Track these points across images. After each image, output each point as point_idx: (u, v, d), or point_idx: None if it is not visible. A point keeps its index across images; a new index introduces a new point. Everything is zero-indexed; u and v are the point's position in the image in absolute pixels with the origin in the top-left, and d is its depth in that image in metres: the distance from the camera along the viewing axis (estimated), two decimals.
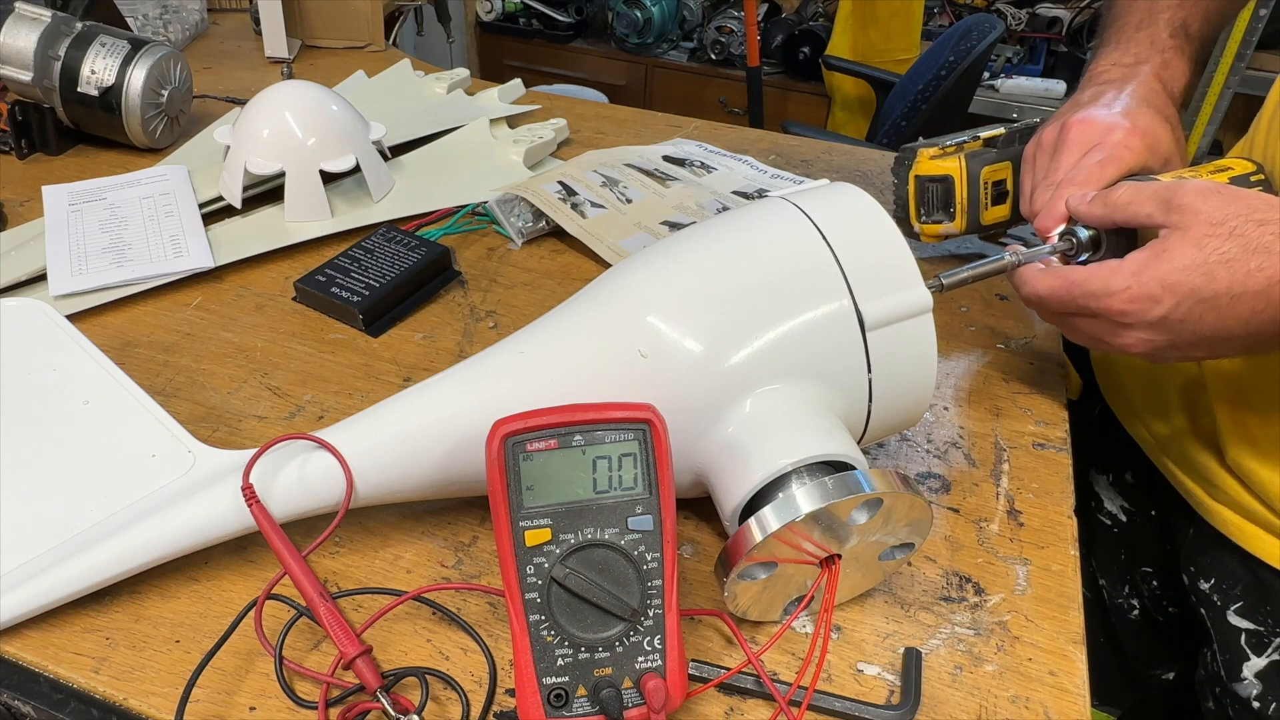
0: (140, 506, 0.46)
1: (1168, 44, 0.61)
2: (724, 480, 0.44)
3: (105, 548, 0.43)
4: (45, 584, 0.42)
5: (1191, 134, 2.18)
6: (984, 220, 0.67)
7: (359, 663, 0.40)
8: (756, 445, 0.43)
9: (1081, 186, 0.55)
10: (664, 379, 0.44)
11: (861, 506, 0.41)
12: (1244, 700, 0.61)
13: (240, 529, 0.44)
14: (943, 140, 0.66)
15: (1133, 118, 0.57)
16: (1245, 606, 0.61)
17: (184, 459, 0.48)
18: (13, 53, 0.80)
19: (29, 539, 0.45)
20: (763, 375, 0.44)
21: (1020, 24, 2.57)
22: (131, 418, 0.50)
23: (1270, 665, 0.60)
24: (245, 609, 0.42)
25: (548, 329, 0.47)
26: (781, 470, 0.41)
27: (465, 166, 0.86)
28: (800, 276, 0.45)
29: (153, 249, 0.70)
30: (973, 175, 0.65)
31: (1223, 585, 0.63)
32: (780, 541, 0.40)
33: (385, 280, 0.66)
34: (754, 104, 2.42)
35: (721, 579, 0.42)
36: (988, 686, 0.43)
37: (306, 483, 0.44)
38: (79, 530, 0.45)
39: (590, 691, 0.38)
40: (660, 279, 0.46)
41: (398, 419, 0.46)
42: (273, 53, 1.11)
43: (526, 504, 0.38)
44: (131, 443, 0.49)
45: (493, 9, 3.00)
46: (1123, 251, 0.50)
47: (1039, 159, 0.60)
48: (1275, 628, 0.60)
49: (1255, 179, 0.55)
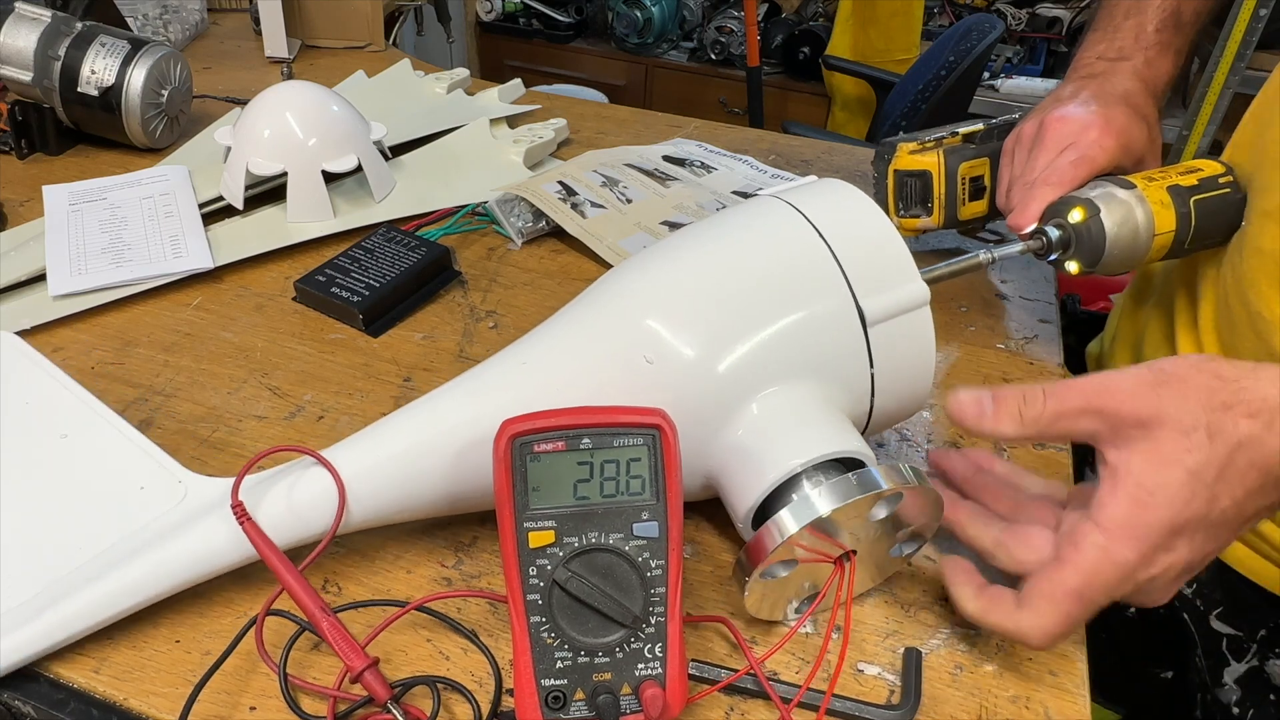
0: (133, 542, 0.44)
1: (1152, 40, 0.62)
2: (736, 483, 0.43)
3: (101, 587, 0.41)
4: (41, 628, 0.41)
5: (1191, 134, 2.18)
6: (961, 215, 0.68)
7: (367, 675, 0.39)
8: (766, 447, 0.43)
9: (1055, 186, 0.55)
10: (669, 383, 0.43)
11: (880, 503, 0.41)
12: (1225, 706, 0.61)
13: (241, 559, 0.43)
14: (922, 135, 0.67)
15: (1108, 116, 0.57)
16: (1225, 612, 0.62)
17: (175, 489, 0.46)
18: (13, 53, 0.80)
19: (19, 581, 0.43)
20: (768, 375, 0.44)
21: (1020, 24, 2.57)
22: (114, 449, 0.48)
23: (1249, 671, 0.60)
24: (245, 627, 0.42)
25: (549, 336, 0.47)
26: (793, 471, 0.41)
27: (465, 166, 0.85)
28: (800, 275, 0.45)
29: (152, 249, 0.70)
30: (951, 171, 0.66)
31: (1204, 590, 0.63)
32: (799, 543, 0.40)
33: (385, 280, 0.66)
34: (754, 104, 2.42)
35: (742, 581, 0.41)
36: (988, 686, 0.43)
37: (301, 506, 0.43)
38: (71, 570, 0.43)
39: (588, 696, 0.38)
40: (660, 282, 0.46)
41: (401, 437, 0.45)
42: (273, 53, 1.11)
43: (532, 505, 0.38)
44: (117, 475, 0.47)
45: (493, 9, 3.00)
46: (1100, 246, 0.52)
47: (1017, 154, 0.61)
48: (1253, 634, 0.60)
49: (1224, 180, 0.55)
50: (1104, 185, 0.55)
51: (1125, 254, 0.54)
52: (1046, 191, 0.56)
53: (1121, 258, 0.54)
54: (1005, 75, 2.53)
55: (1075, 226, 0.53)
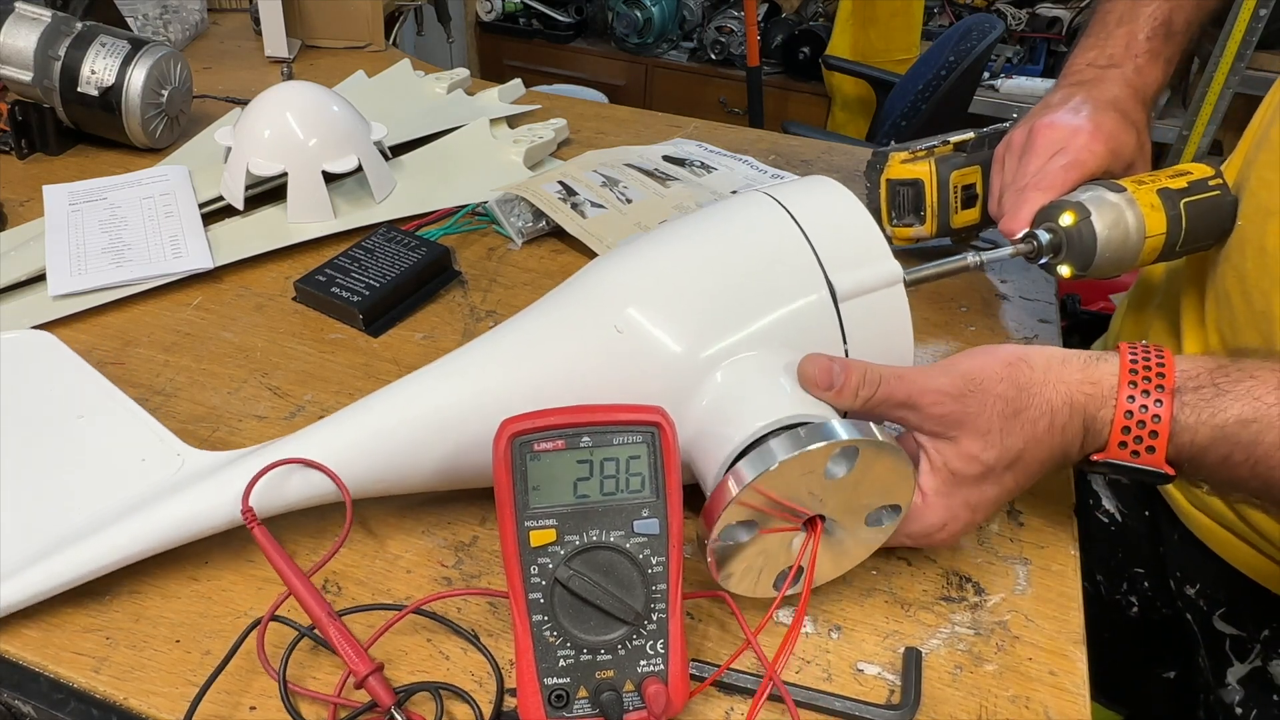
0: (130, 502, 0.46)
1: (1143, 47, 0.62)
2: (704, 452, 0.44)
3: (97, 539, 0.44)
4: (39, 574, 0.43)
5: (1191, 134, 2.18)
6: (954, 224, 0.68)
7: (371, 681, 0.39)
8: (734, 410, 0.43)
9: (1046, 190, 0.56)
10: (645, 367, 0.45)
11: (838, 458, 0.41)
12: (1228, 706, 0.61)
13: (230, 522, 0.45)
14: (913, 145, 0.67)
15: (1098, 122, 0.58)
16: (1229, 612, 0.62)
17: (172, 460, 0.49)
18: (13, 53, 0.80)
19: (22, 535, 0.45)
20: (738, 348, 0.45)
21: (1020, 24, 2.57)
22: (123, 427, 0.52)
23: (1252, 671, 0.60)
24: (245, 632, 0.42)
25: (526, 322, 0.48)
26: (757, 433, 0.41)
27: (465, 166, 0.85)
28: (773, 255, 0.47)
29: (152, 249, 0.70)
30: (943, 179, 0.66)
31: (1207, 590, 0.63)
32: (759, 495, 0.40)
33: (385, 280, 0.66)
34: (754, 104, 2.42)
35: (705, 542, 0.41)
36: (988, 686, 0.43)
37: (295, 487, 0.45)
38: (70, 526, 0.45)
39: (591, 693, 0.38)
40: (637, 270, 0.47)
41: (379, 414, 0.46)
42: (273, 53, 1.11)
43: (532, 504, 0.38)
44: (122, 449, 0.50)
45: (493, 9, 2.99)
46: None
47: (1007, 161, 0.62)
48: (1256, 635, 0.60)
49: (1213, 183, 0.56)
50: (1094, 189, 0.55)
51: (1116, 257, 0.54)
52: (1037, 196, 0.56)
53: (1112, 260, 0.54)
54: (1005, 75, 2.53)
55: (1066, 230, 0.54)
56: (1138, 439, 0.42)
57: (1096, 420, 0.43)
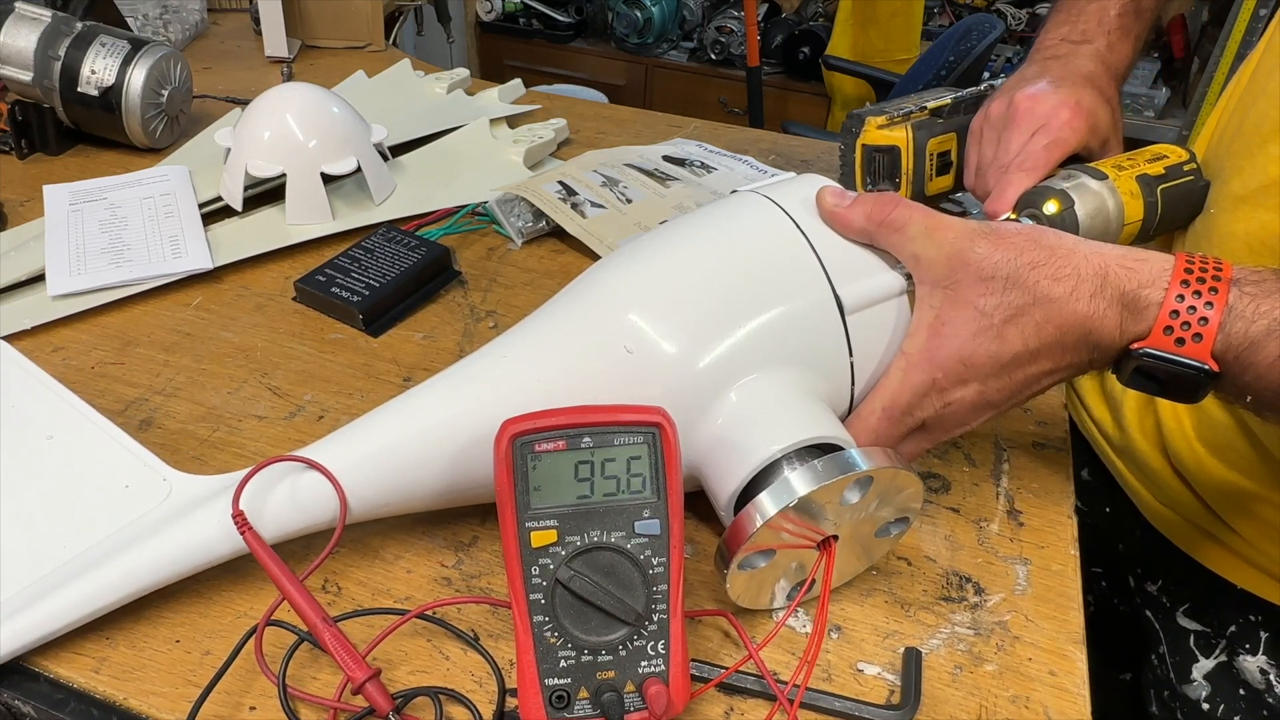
0: (119, 538, 0.44)
1: (1114, 24, 0.63)
2: (717, 472, 0.44)
3: (89, 580, 0.42)
4: (29, 621, 0.41)
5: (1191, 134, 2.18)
6: (928, 191, 0.68)
7: (369, 687, 0.39)
8: (746, 434, 0.43)
9: (1030, 172, 0.56)
10: (650, 376, 0.44)
11: (854, 485, 0.41)
12: (1193, 703, 0.61)
13: (230, 553, 0.43)
14: (890, 109, 0.67)
15: (1078, 98, 0.58)
16: (1193, 608, 0.62)
17: (159, 487, 0.46)
18: (13, 53, 0.80)
19: (4, 578, 0.43)
20: (747, 364, 0.44)
21: (1020, 24, 2.57)
22: (99, 450, 0.48)
23: (1219, 666, 0.60)
24: (244, 639, 0.42)
25: (531, 330, 0.47)
26: (772, 457, 0.42)
27: (465, 166, 0.85)
28: (779, 266, 0.46)
29: (151, 249, 0.70)
30: (919, 146, 0.66)
31: (1170, 587, 0.63)
32: (778, 527, 0.40)
33: (385, 280, 0.66)
34: (754, 104, 2.42)
35: (722, 570, 0.42)
36: (988, 686, 0.43)
37: (299, 502, 0.44)
38: (57, 566, 0.43)
39: (592, 694, 0.38)
40: (641, 277, 0.47)
41: (384, 430, 0.45)
42: (273, 53, 1.11)
43: (533, 505, 0.38)
44: (102, 475, 0.47)
45: (493, 9, 3.00)
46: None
47: (985, 134, 0.62)
48: (1222, 630, 0.60)
49: (1188, 168, 0.57)
50: (1077, 176, 0.55)
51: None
52: (1021, 178, 0.56)
53: None
54: (1005, 75, 2.53)
55: (1050, 218, 0.54)
56: (1185, 324, 0.38)
57: (1139, 299, 0.39)
